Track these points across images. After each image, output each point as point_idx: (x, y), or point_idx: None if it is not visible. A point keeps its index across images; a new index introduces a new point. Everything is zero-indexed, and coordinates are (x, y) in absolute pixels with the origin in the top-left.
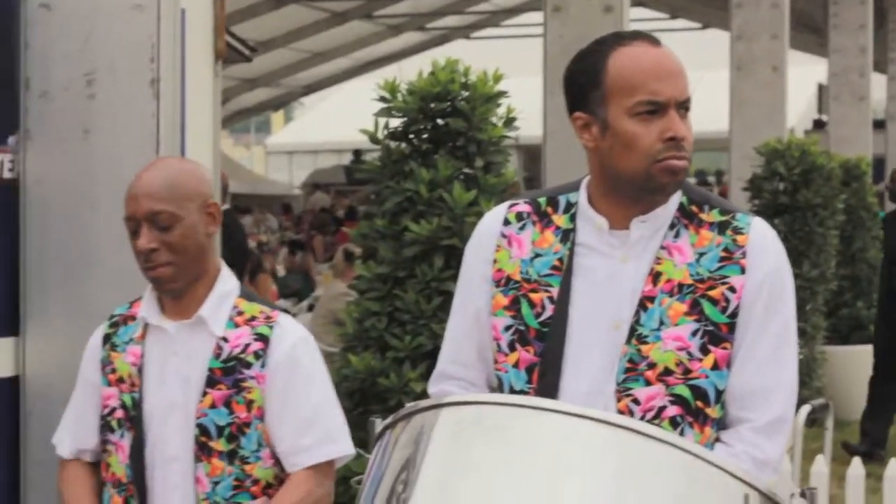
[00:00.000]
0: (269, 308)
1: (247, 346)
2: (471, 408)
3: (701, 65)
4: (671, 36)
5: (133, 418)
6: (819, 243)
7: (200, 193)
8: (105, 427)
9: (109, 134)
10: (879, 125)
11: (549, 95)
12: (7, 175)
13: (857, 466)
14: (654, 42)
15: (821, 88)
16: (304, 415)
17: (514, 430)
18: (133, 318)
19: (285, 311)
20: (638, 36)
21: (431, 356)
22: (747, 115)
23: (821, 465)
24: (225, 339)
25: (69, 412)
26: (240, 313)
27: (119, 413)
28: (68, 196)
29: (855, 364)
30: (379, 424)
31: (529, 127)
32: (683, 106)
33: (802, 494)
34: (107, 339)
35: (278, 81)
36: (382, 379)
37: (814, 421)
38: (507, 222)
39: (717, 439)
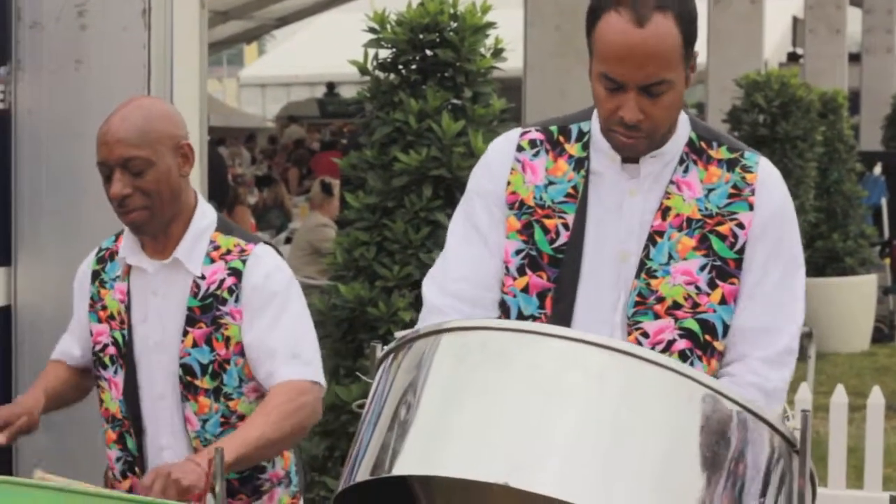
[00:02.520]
0: (244, 240)
1: (222, 281)
2: (473, 333)
3: None
4: None
5: (125, 355)
6: (798, 175)
7: (173, 135)
8: (98, 363)
9: (101, 64)
10: (854, 58)
11: (530, 27)
12: None
13: (840, 394)
14: (641, 19)
15: (795, 21)
16: (276, 340)
17: (516, 355)
18: (118, 253)
19: (266, 242)
20: (634, 4)
21: (419, 285)
22: (725, 47)
23: (804, 393)
24: (202, 277)
25: (67, 332)
26: (216, 248)
27: (111, 350)
28: (60, 126)
29: (830, 296)
30: (380, 350)
31: (508, 59)
32: (649, 89)
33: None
34: (95, 275)
35: (251, 14)
36: (371, 308)
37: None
38: (520, 148)
39: (723, 373)
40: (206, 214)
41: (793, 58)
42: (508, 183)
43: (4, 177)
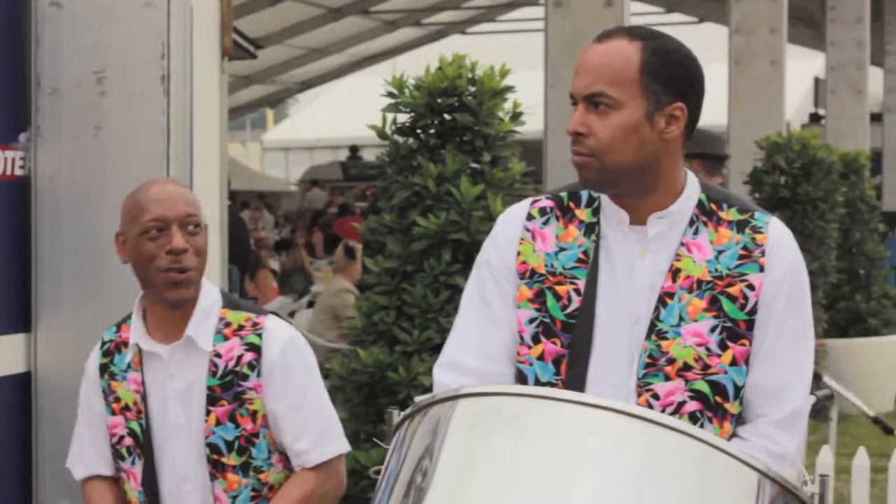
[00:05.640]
0: (254, 314)
1: (239, 357)
2: (489, 399)
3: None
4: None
5: (143, 445)
6: (819, 236)
7: (200, 210)
8: (116, 455)
9: (120, 131)
10: (876, 118)
11: (550, 90)
12: (18, 172)
13: (862, 457)
14: (603, 38)
15: (817, 82)
16: (299, 419)
17: (532, 421)
18: (125, 343)
19: (273, 312)
20: (604, 33)
21: (440, 349)
22: (746, 109)
23: (826, 456)
24: (218, 355)
25: (76, 441)
26: (227, 324)
27: (128, 441)
28: (79, 193)
29: (853, 357)
30: (397, 416)
31: (528, 121)
32: (593, 101)
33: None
34: (104, 368)
35: (274, 78)
36: (391, 373)
37: (818, 412)
38: (530, 217)
39: (734, 434)
40: (210, 292)
41: (815, 118)
42: (518, 253)
43: (24, 243)
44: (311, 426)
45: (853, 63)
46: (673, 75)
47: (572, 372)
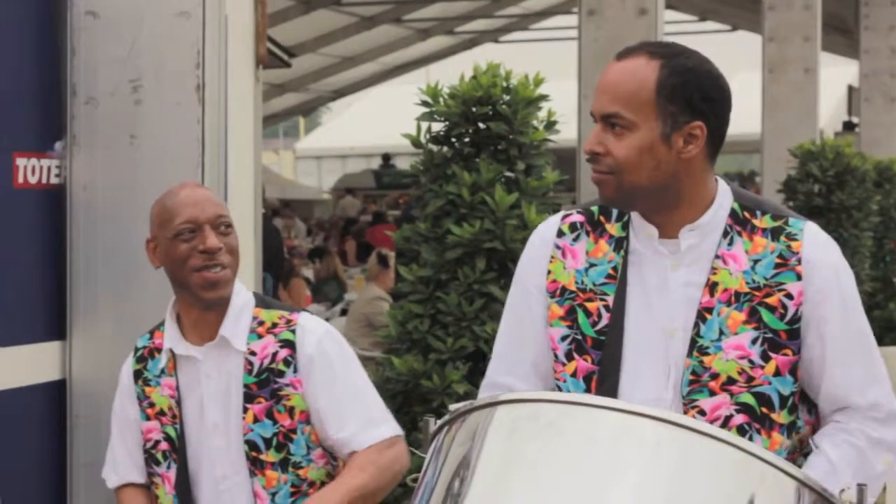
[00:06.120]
0: (287, 311)
1: (274, 354)
2: (527, 405)
3: (731, 67)
4: (701, 38)
5: (178, 449)
6: (853, 245)
7: (228, 211)
8: (150, 460)
9: (155, 139)
10: None
11: (584, 99)
12: (54, 181)
13: None
14: (622, 56)
15: (850, 90)
16: (343, 408)
17: (569, 427)
18: (158, 349)
19: (305, 310)
20: (625, 50)
21: (474, 358)
22: (780, 117)
23: None
24: (253, 353)
25: (111, 451)
26: (260, 323)
27: (163, 445)
28: (115, 201)
29: (888, 366)
30: (433, 423)
31: (561, 130)
32: (609, 121)
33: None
34: (138, 374)
35: (307, 86)
36: (425, 381)
37: None
38: (560, 233)
39: (832, 420)
40: (241, 292)
41: (848, 126)
42: (549, 272)
43: (59, 251)
44: (355, 414)
45: (887, 71)
46: (691, 95)
47: (602, 389)
